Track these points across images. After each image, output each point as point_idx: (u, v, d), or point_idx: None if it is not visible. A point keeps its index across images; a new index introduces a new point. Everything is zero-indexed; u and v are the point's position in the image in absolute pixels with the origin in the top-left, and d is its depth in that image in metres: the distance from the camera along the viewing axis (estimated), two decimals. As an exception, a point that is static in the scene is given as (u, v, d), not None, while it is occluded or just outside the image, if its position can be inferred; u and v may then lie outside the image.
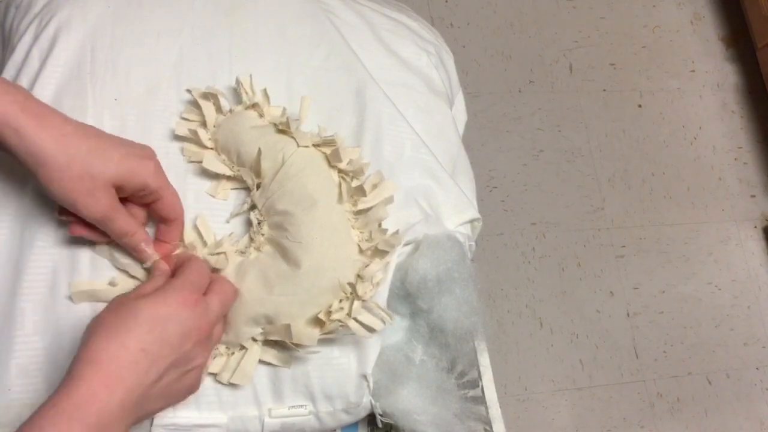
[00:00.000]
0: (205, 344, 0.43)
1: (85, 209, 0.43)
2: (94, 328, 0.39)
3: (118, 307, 0.40)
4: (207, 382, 0.48)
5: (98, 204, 0.43)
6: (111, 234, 0.45)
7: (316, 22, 0.61)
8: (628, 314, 1.32)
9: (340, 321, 0.47)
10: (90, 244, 0.48)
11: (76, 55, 0.52)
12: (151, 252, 0.47)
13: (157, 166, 0.46)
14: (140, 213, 0.48)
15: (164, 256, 0.48)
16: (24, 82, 0.51)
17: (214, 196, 0.52)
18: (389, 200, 0.52)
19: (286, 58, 0.58)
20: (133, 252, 0.47)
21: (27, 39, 0.53)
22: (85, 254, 0.48)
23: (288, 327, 0.46)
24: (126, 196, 0.46)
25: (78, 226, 0.46)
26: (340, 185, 0.51)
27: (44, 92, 0.50)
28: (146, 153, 0.46)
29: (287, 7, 0.60)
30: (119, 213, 0.44)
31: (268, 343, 0.48)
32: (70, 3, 0.54)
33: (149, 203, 0.47)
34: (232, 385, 0.48)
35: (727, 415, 1.29)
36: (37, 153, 0.40)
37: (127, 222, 0.45)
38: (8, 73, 0.52)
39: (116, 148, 0.44)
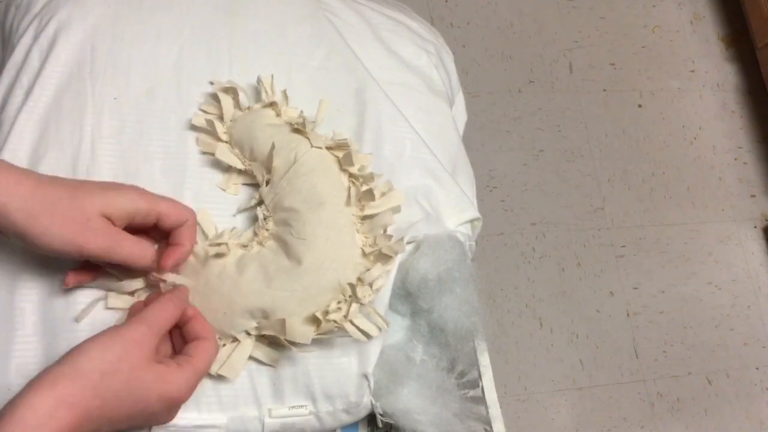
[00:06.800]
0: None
1: (88, 243, 0.41)
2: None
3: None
4: (206, 383, 0.47)
5: (99, 233, 0.41)
6: (121, 262, 0.43)
7: (316, 22, 0.61)
8: (628, 314, 1.32)
9: (335, 322, 0.46)
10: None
11: (76, 55, 0.52)
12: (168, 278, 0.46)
13: (137, 187, 0.45)
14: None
15: (180, 259, 0.46)
16: (24, 82, 0.51)
17: (224, 190, 0.52)
18: (396, 209, 0.52)
19: (286, 58, 0.58)
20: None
21: (27, 39, 0.53)
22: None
23: (283, 322, 0.45)
24: (130, 226, 0.44)
25: (73, 273, 0.45)
26: (349, 189, 0.51)
27: (44, 92, 0.50)
28: (122, 183, 0.45)
29: (287, 7, 0.60)
30: (124, 237, 0.43)
31: (260, 338, 0.48)
32: (70, 3, 0.54)
33: (155, 225, 0.45)
34: (224, 381, 0.48)
35: (727, 415, 1.29)
36: (16, 216, 0.39)
37: (137, 246, 0.44)
38: (8, 73, 0.52)
39: (91, 183, 0.43)
